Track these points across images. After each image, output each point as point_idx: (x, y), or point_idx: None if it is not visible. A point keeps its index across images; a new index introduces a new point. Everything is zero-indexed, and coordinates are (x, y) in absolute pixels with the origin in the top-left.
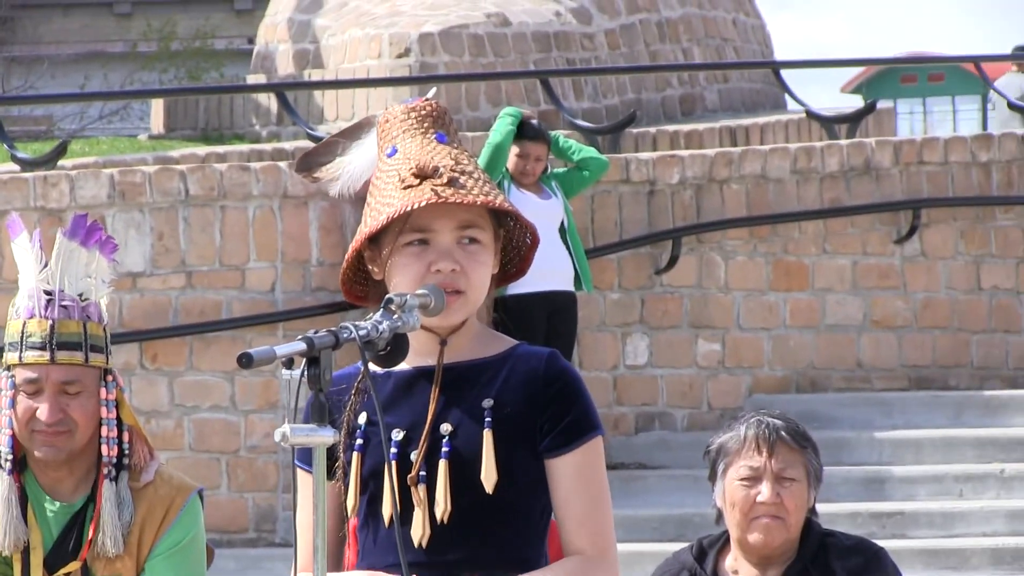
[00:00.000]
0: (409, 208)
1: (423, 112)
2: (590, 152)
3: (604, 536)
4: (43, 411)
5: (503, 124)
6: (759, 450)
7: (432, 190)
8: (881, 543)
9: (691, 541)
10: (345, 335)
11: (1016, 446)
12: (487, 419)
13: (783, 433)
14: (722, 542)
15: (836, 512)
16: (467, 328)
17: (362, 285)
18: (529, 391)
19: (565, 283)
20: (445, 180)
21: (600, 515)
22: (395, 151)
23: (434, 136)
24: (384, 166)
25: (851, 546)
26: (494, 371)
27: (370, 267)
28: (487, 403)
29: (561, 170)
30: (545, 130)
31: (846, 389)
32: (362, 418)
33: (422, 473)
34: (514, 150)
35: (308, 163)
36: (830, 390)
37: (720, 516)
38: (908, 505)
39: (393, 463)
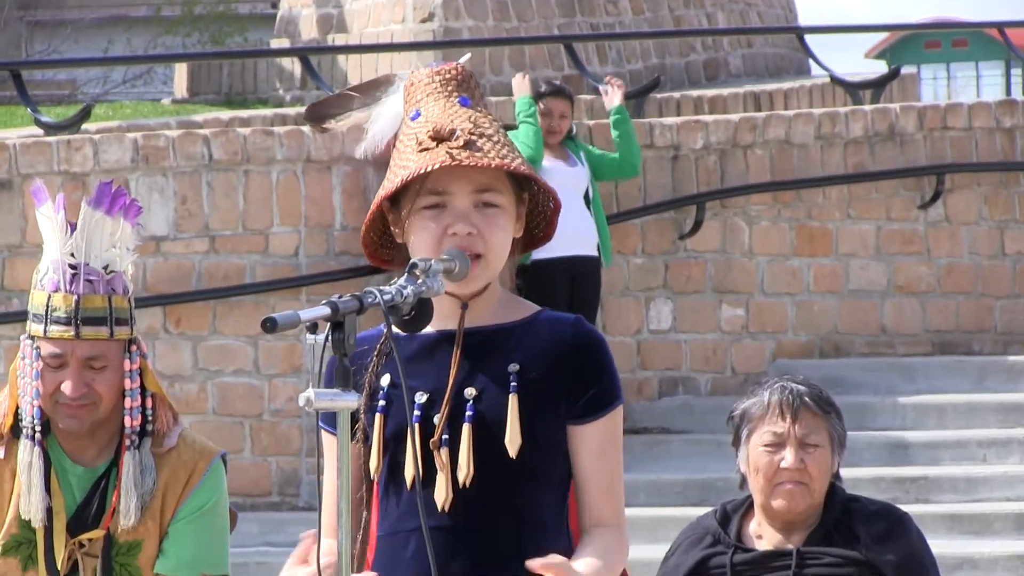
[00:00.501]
0: (423, 171)
1: (448, 76)
2: (631, 147)
3: (622, 506)
4: (67, 386)
5: (524, 110)
6: (783, 416)
7: (447, 153)
8: (904, 508)
9: (714, 506)
10: (370, 300)
11: None
12: (512, 384)
13: (807, 399)
14: (746, 507)
15: (859, 477)
16: (490, 293)
17: (387, 248)
18: (556, 357)
19: (588, 248)
20: (462, 143)
21: (619, 483)
22: (418, 114)
23: (457, 100)
24: (407, 129)
25: (875, 511)
26: (518, 336)
27: (393, 230)
28: (513, 368)
29: (594, 149)
30: (567, 87)
31: (870, 354)
32: (385, 380)
33: (445, 437)
34: (538, 109)
35: (318, 113)
36: (853, 355)
37: (744, 481)
38: (931, 470)
39: (416, 426)
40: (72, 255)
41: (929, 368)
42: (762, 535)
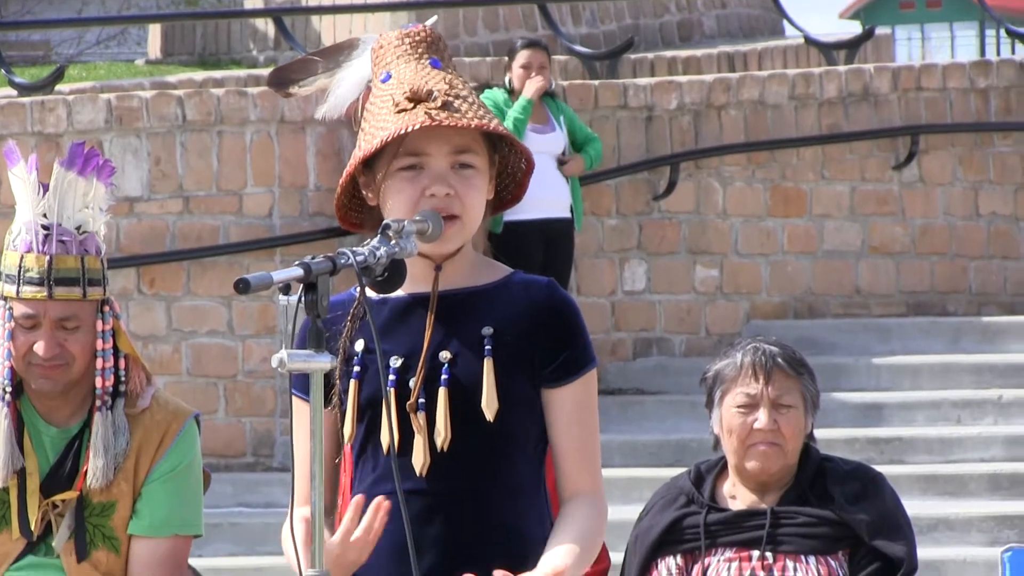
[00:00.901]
0: (403, 131)
1: (417, 38)
2: (594, 147)
3: (598, 471)
4: (40, 346)
5: (521, 105)
6: (756, 377)
7: (426, 113)
8: (879, 469)
9: (688, 466)
10: (342, 261)
11: (1014, 372)
12: (487, 347)
13: (779, 360)
14: (719, 468)
15: (834, 438)
16: (463, 255)
17: (358, 212)
18: (530, 320)
19: (562, 210)
20: (439, 104)
21: (595, 447)
22: (389, 76)
23: (428, 61)
24: (378, 91)
25: (849, 471)
26: (492, 299)
27: (365, 193)
28: (487, 331)
29: (577, 120)
30: (542, 40)
31: (844, 315)
32: (359, 345)
33: (421, 401)
34: (517, 62)
35: (281, 78)
36: (828, 316)
37: (718, 443)
38: (906, 431)
39: (391, 391)
40: (45, 216)
41: (903, 329)
42: (736, 495)
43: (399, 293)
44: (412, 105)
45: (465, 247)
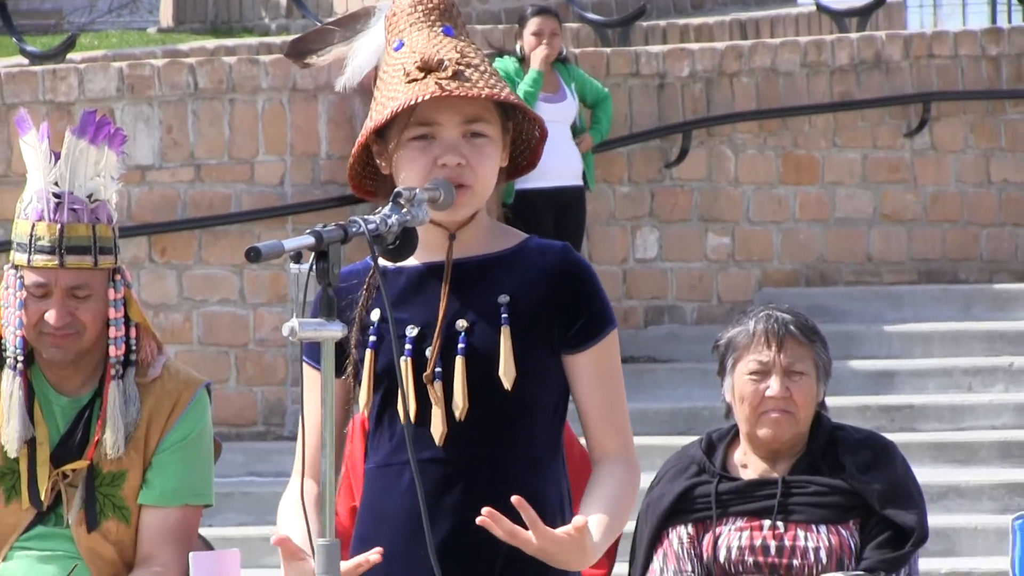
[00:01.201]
0: (413, 102)
1: (430, 5)
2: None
3: (627, 431)
4: (51, 315)
5: (532, 77)
6: (768, 344)
7: (436, 83)
8: (890, 436)
9: (700, 434)
10: (354, 229)
11: None
12: (504, 315)
13: (792, 327)
14: (731, 436)
15: (845, 406)
16: (477, 222)
17: (371, 180)
18: (545, 287)
19: (573, 179)
20: (450, 73)
21: (621, 409)
22: (401, 45)
23: (441, 29)
24: (391, 59)
25: (861, 440)
26: (507, 265)
27: (378, 161)
28: (503, 299)
29: (587, 77)
30: (553, 7)
31: (855, 283)
32: (375, 314)
33: (438, 370)
34: (528, 30)
35: (299, 49)
36: (840, 284)
37: (729, 411)
38: (917, 399)
39: (408, 360)
40: (56, 184)
41: (915, 296)
42: (747, 464)
43: (414, 262)
44: (423, 75)
45: (479, 214)
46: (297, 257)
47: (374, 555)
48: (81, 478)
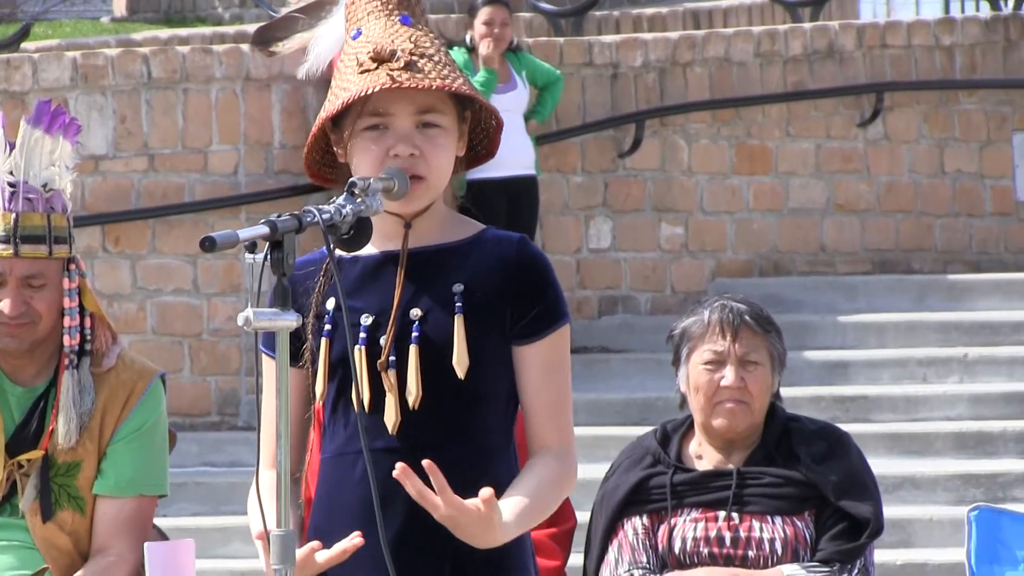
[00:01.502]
0: (363, 93)
1: None
2: (551, 93)
3: (568, 427)
4: (6, 304)
5: (482, 77)
6: (723, 334)
7: (388, 74)
8: (844, 427)
9: (654, 425)
10: (308, 219)
11: (979, 330)
12: (457, 304)
13: (747, 317)
14: (686, 427)
15: (799, 396)
16: (433, 212)
17: (330, 168)
18: (500, 277)
19: (525, 168)
20: (402, 64)
21: (566, 404)
22: (359, 33)
23: (398, 18)
24: (348, 48)
25: (815, 431)
26: (463, 255)
27: (335, 150)
28: (457, 288)
29: (536, 61)
30: None
31: (809, 273)
32: (330, 303)
33: (392, 358)
34: (479, 19)
35: (265, 37)
36: (793, 274)
37: (684, 401)
38: (871, 389)
39: (362, 348)
40: (11, 173)
41: (869, 287)
42: (702, 455)
43: (371, 251)
44: (375, 65)
45: (436, 204)
46: (252, 247)
47: (356, 539)
48: (36, 468)
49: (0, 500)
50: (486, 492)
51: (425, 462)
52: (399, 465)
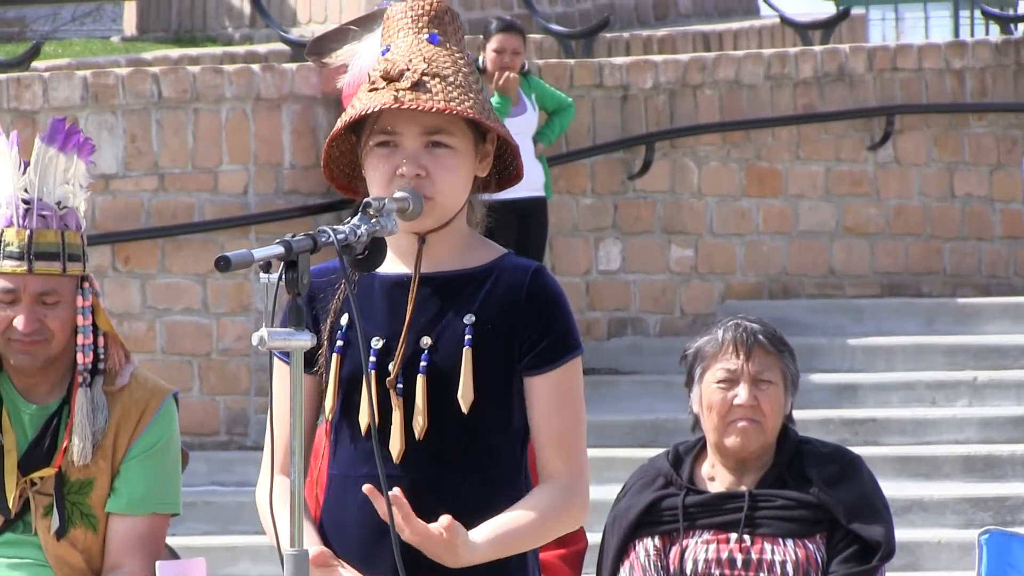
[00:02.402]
0: (366, 112)
1: (420, 11)
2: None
3: (579, 457)
4: (20, 321)
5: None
6: (736, 353)
7: (393, 94)
8: (853, 450)
9: (663, 447)
10: (323, 239)
11: (988, 353)
12: (467, 336)
13: (760, 337)
14: (698, 449)
15: (808, 419)
16: (451, 232)
17: (361, 180)
18: (510, 307)
19: (535, 190)
20: (408, 84)
21: (577, 435)
22: (387, 50)
23: (426, 36)
24: (375, 65)
25: (827, 453)
26: (477, 283)
27: (362, 163)
28: (468, 319)
29: (547, 87)
30: (517, 22)
31: (818, 295)
32: (343, 319)
33: (399, 385)
34: (491, 46)
35: (319, 48)
36: (802, 296)
37: (697, 423)
38: (880, 412)
39: (372, 372)
40: (25, 190)
41: (878, 310)
42: (714, 477)
43: (387, 270)
44: (384, 84)
45: (455, 224)
46: (267, 267)
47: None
48: (50, 486)
49: (13, 518)
50: (444, 520)
51: (393, 492)
52: (366, 487)
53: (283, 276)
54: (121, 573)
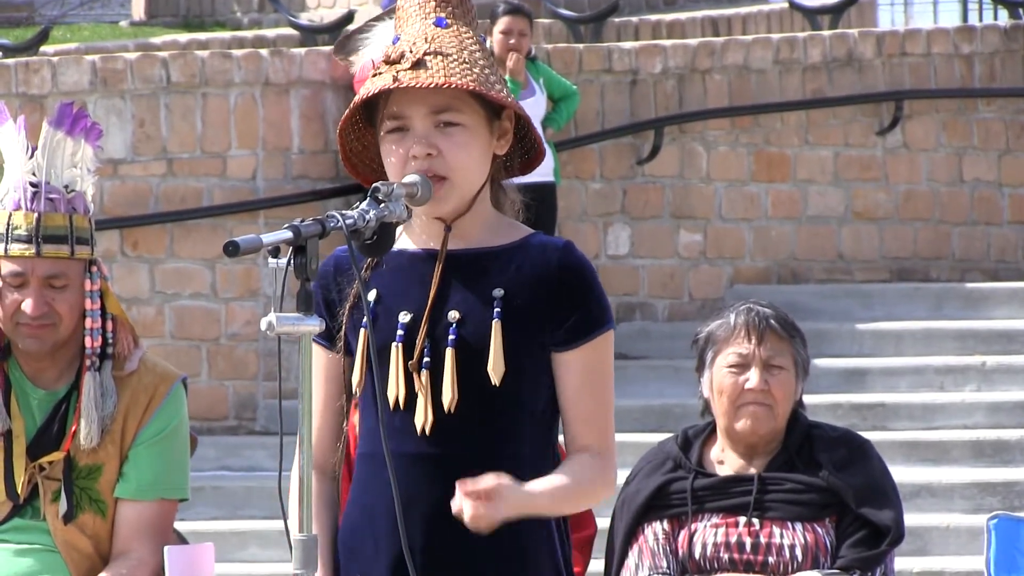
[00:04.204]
0: (367, 96)
1: None
2: (567, 105)
3: (608, 432)
4: (28, 304)
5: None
6: (748, 337)
7: (392, 75)
8: (861, 435)
9: (671, 432)
10: (332, 224)
11: (996, 338)
12: (496, 309)
13: (772, 321)
14: (707, 433)
15: (817, 404)
16: (476, 213)
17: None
18: (541, 283)
19: (543, 174)
20: (408, 64)
21: (606, 411)
22: (397, 39)
23: (432, 21)
24: (384, 52)
25: (837, 438)
26: (506, 260)
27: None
28: (497, 292)
29: (558, 78)
30: (524, 5)
31: (827, 280)
32: (372, 295)
33: (426, 360)
34: (498, 28)
35: (346, 47)
36: (811, 281)
37: (707, 408)
38: (889, 397)
39: (399, 346)
40: (33, 174)
41: (886, 295)
42: (724, 460)
43: (413, 246)
44: (385, 68)
45: (479, 205)
46: (275, 252)
47: None
48: (58, 471)
49: (22, 503)
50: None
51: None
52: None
53: (291, 261)
54: (129, 558)
